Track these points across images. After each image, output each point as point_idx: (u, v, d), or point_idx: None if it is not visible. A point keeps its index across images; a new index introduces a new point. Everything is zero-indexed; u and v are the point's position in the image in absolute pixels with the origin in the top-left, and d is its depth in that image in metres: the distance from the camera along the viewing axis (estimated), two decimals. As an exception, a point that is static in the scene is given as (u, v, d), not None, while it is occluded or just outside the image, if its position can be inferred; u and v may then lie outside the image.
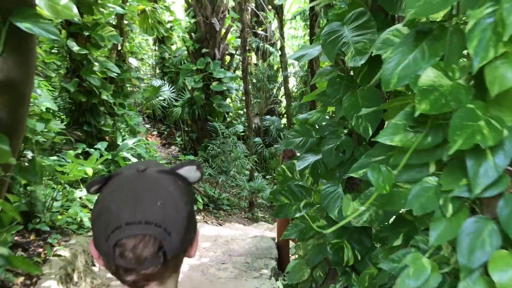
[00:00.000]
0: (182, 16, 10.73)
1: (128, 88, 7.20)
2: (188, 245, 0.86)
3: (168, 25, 12.12)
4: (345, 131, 2.56)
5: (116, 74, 6.24)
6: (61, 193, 4.66)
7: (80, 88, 6.09)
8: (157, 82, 10.36)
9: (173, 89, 10.75)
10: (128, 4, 6.82)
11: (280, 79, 12.22)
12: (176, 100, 10.55)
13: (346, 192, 2.22)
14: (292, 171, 3.08)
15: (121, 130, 6.67)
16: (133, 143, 6.17)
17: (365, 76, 1.99)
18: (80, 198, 4.85)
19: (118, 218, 0.77)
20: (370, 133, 1.77)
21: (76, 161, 5.20)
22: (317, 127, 3.03)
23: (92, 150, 5.77)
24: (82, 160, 5.34)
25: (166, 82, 10.68)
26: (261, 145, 8.83)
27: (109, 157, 5.63)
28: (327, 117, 3.19)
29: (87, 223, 4.49)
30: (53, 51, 6.19)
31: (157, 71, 13.53)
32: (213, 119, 9.39)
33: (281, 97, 12.34)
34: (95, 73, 6.01)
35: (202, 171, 0.92)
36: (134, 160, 5.52)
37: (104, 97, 6.27)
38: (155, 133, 11.57)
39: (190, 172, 0.89)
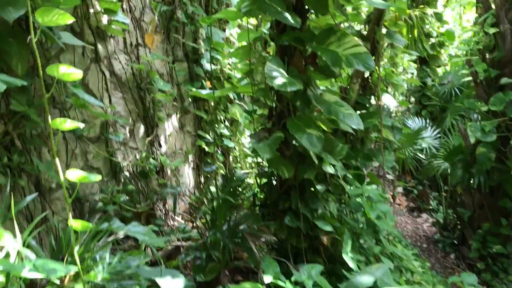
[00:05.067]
0: (467, 25, 7.07)
1: (370, 145, 4.20)
2: None
3: (433, 39, 8.69)
4: None
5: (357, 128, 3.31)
6: None
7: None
8: (413, 123, 7.00)
9: (436, 133, 7.19)
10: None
11: None
12: (437, 150, 6.99)
13: None
14: None
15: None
16: None
17: None
18: None
19: None
20: None
21: None
22: None
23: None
24: None
25: (427, 123, 7.19)
26: None
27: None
28: None
29: None
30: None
31: (411, 99, 10.12)
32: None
33: None
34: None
35: None
36: None
37: (327, 168, 3.42)
38: (399, 189, 8.24)
39: None
